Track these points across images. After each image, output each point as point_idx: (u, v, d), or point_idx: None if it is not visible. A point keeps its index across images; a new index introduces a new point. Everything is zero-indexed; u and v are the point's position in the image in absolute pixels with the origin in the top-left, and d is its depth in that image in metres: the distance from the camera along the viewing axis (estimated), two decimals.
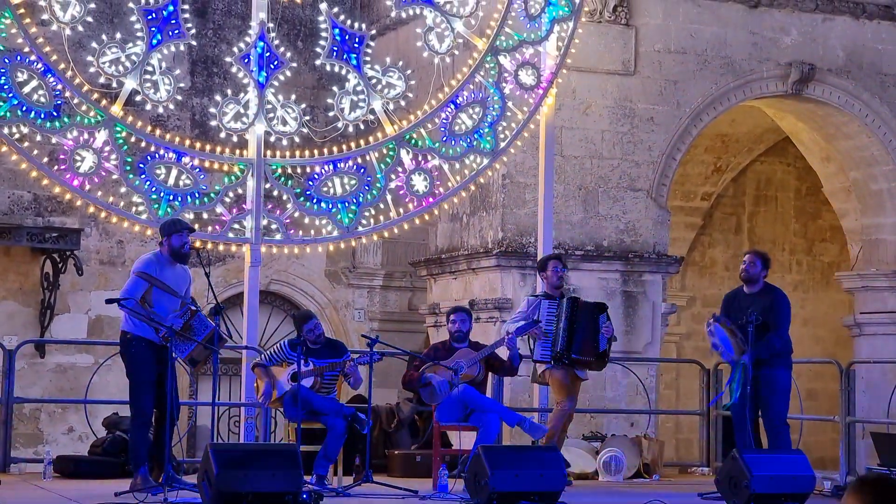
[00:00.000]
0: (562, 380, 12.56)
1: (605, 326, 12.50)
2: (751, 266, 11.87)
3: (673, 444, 19.87)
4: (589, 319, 12.49)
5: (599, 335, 12.49)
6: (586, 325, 12.47)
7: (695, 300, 21.30)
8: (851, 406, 14.42)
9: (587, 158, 16.02)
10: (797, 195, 21.95)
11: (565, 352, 12.41)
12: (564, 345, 12.42)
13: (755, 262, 11.89)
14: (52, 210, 17.46)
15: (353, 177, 13.45)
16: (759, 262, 11.88)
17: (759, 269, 11.88)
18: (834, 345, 20.68)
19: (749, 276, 11.86)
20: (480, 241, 16.10)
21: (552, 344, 12.43)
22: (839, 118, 17.42)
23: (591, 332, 12.47)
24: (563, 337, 12.42)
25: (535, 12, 14.08)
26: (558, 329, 12.41)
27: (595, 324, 12.48)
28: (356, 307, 19.45)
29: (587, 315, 12.52)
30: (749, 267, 11.87)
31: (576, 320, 12.46)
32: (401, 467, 13.55)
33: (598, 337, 12.49)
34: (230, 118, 13.09)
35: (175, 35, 12.87)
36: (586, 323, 12.48)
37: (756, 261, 11.89)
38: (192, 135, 16.84)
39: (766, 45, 16.77)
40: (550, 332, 12.44)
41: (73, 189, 12.62)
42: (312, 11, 16.61)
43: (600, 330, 12.48)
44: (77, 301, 17.67)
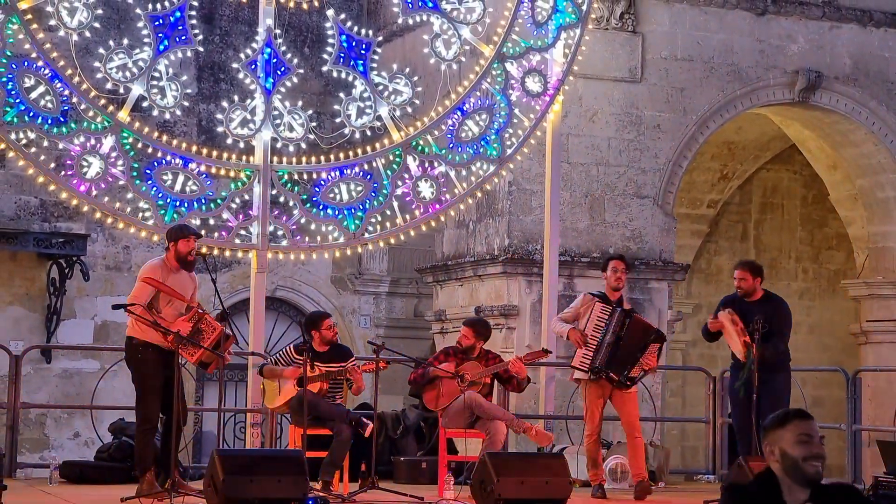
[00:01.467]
0: (594, 398, 12.02)
1: (650, 356, 11.88)
2: (742, 282, 11.85)
3: (679, 452, 19.85)
4: (639, 341, 11.86)
5: (637, 359, 11.86)
6: (633, 346, 11.84)
7: (700, 308, 21.26)
8: (857, 414, 14.42)
9: (593, 165, 16.02)
10: (803, 203, 21.94)
11: (604, 367, 11.85)
12: (606, 359, 11.84)
13: (745, 276, 11.86)
14: (59, 215, 17.48)
15: (359, 183, 13.45)
16: (749, 276, 11.86)
17: (751, 282, 11.86)
18: (840, 353, 20.66)
19: (746, 291, 11.85)
20: (486, 247, 16.10)
21: (594, 353, 11.86)
22: (846, 126, 17.41)
23: (631, 353, 11.85)
24: (606, 351, 11.83)
25: (542, 19, 14.09)
26: (603, 340, 11.82)
27: (641, 348, 11.87)
28: (362, 313, 19.45)
29: (640, 336, 11.89)
30: (742, 283, 11.85)
31: (623, 335, 11.84)
32: (406, 474, 13.54)
33: (634, 363, 11.86)
34: (237, 124, 13.10)
35: (182, 41, 12.90)
36: (635, 343, 11.84)
37: (746, 275, 11.87)
38: (199, 141, 16.87)
39: (772, 52, 16.78)
40: (597, 339, 11.86)
41: (80, 194, 12.64)
42: (319, 18, 16.63)
43: (640, 359, 11.86)
44: (83, 306, 17.68)
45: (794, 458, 4.79)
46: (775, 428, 4.88)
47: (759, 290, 11.90)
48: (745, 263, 12.23)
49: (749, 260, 13.04)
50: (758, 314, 11.57)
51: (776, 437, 4.86)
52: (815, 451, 4.81)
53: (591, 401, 12.07)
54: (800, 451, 4.79)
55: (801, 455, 4.79)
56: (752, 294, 11.84)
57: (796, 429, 4.84)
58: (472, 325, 12.30)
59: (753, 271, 11.96)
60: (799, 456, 4.79)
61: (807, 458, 4.79)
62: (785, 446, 4.82)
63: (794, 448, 4.80)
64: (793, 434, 4.83)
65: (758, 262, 12.88)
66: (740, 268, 12.03)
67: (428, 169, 13.69)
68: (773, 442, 4.87)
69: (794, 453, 4.79)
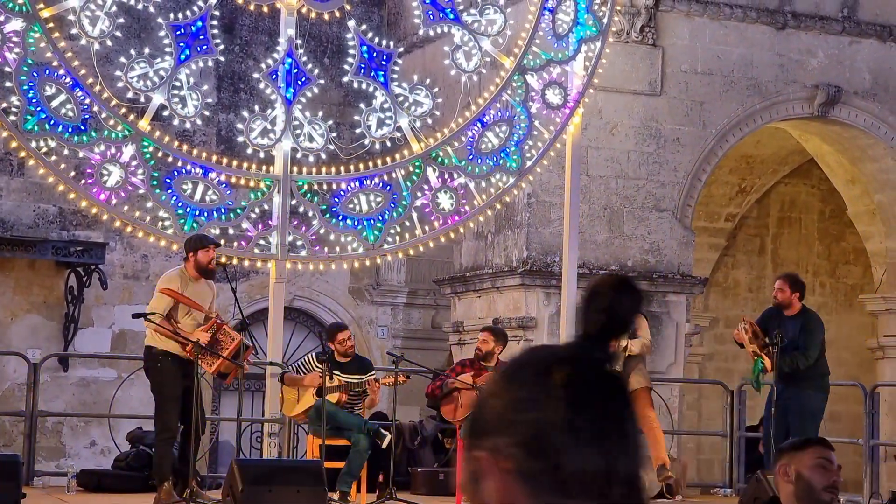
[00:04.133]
0: None
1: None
2: (780, 293, 11.90)
3: (695, 465, 19.80)
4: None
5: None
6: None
7: (717, 321, 21.22)
8: (875, 429, 14.38)
9: (613, 178, 16.01)
10: (821, 217, 21.88)
11: None
12: None
13: (784, 288, 11.90)
14: (78, 224, 17.51)
15: (378, 194, 13.45)
16: (787, 288, 11.89)
17: (788, 295, 11.89)
18: (857, 367, 20.58)
19: (779, 303, 11.89)
20: (505, 259, 16.09)
21: None
22: (865, 141, 17.38)
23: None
24: None
25: (562, 32, 14.08)
26: None
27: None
28: (380, 324, 19.45)
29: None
30: (778, 294, 11.90)
31: None
32: (424, 485, 13.54)
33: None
34: (257, 134, 13.11)
35: (203, 51, 12.91)
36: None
37: (785, 287, 11.91)
38: (219, 150, 16.88)
39: (792, 66, 16.76)
40: None
41: (100, 203, 12.65)
42: (340, 28, 16.65)
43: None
44: (101, 315, 17.70)
45: (809, 483, 4.55)
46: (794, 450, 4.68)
47: (798, 305, 11.93)
48: (787, 276, 12.32)
49: (793, 273, 13.04)
50: (790, 328, 11.61)
51: (793, 459, 4.64)
52: (834, 479, 4.59)
53: None
54: (818, 477, 4.55)
55: (820, 482, 4.55)
56: (788, 307, 11.89)
57: (816, 453, 4.63)
58: (490, 329, 12.44)
59: (792, 285, 12.00)
60: (817, 482, 4.55)
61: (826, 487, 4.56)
62: (802, 469, 4.60)
63: (811, 472, 4.58)
64: (812, 458, 4.61)
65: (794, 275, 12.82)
66: (781, 279, 12.12)
67: (447, 180, 13.68)
68: (789, 463, 4.64)
69: (810, 477, 4.56)
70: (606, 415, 1.72)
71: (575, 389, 1.71)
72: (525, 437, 1.69)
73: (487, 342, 12.20)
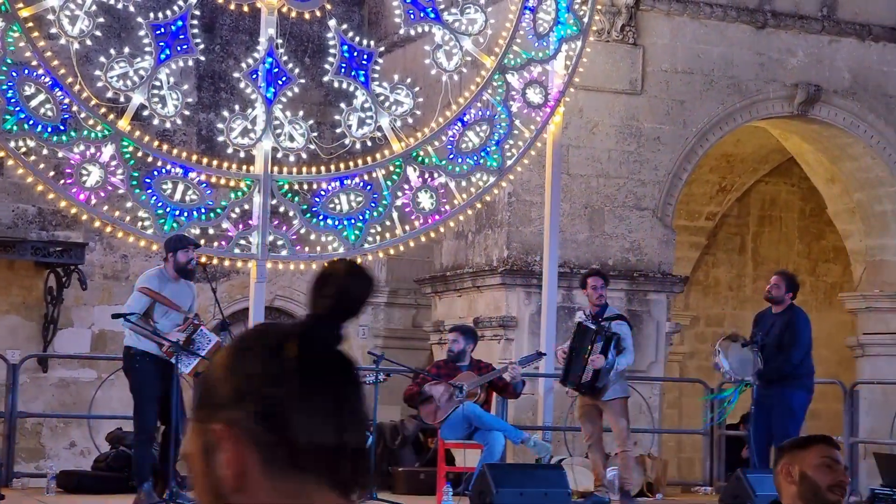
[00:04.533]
0: (579, 414, 12.26)
1: (593, 357, 11.77)
2: (774, 288, 11.94)
3: (675, 463, 19.82)
4: (583, 346, 11.84)
5: (586, 366, 11.82)
6: (580, 353, 11.84)
7: (698, 320, 21.26)
8: (854, 427, 14.44)
9: (593, 177, 16.02)
10: (801, 216, 21.94)
11: (564, 380, 12.10)
12: (564, 373, 12.02)
13: (780, 284, 11.95)
14: (57, 224, 17.44)
15: (359, 193, 13.44)
16: (783, 285, 11.94)
17: (783, 292, 11.94)
18: (837, 365, 20.63)
19: (771, 297, 11.92)
20: (485, 259, 16.09)
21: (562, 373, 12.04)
22: (844, 139, 17.43)
23: (579, 360, 11.82)
24: (565, 365, 11.97)
25: (543, 31, 14.09)
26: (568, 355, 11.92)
27: (584, 350, 11.84)
28: (360, 324, 19.41)
29: (583, 341, 11.87)
30: (773, 289, 11.94)
31: (574, 347, 11.93)
32: (405, 485, 13.53)
33: (584, 367, 11.83)
34: (237, 134, 13.09)
35: (183, 50, 12.89)
36: (581, 350, 11.84)
37: (781, 283, 11.96)
38: (199, 150, 16.83)
39: (772, 65, 16.79)
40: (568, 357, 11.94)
41: (79, 203, 12.62)
42: (321, 28, 16.61)
43: (587, 360, 11.81)
44: (80, 315, 17.64)
45: (815, 483, 4.33)
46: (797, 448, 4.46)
47: (787, 302, 11.97)
48: (785, 273, 12.36)
49: (791, 273, 13.07)
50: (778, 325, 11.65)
51: (796, 458, 4.42)
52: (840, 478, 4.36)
53: (577, 412, 12.35)
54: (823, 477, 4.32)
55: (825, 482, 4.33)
56: (779, 302, 11.93)
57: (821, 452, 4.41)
58: (458, 328, 12.49)
59: (789, 284, 12.03)
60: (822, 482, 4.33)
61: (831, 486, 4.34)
62: (806, 469, 4.37)
63: (816, 472, 4.37)
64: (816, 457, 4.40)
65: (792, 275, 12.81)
66: (779, 275, 12.15)
67: (428, 180, 13.68)
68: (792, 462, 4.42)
69: (816, 477, 4.34)
70: (338, 392, 1.79)
71: (307, 365, 1.77)
72: (261, 409, 1.75)
73: (458, 342, 12.21)
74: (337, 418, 1.79)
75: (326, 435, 1.78)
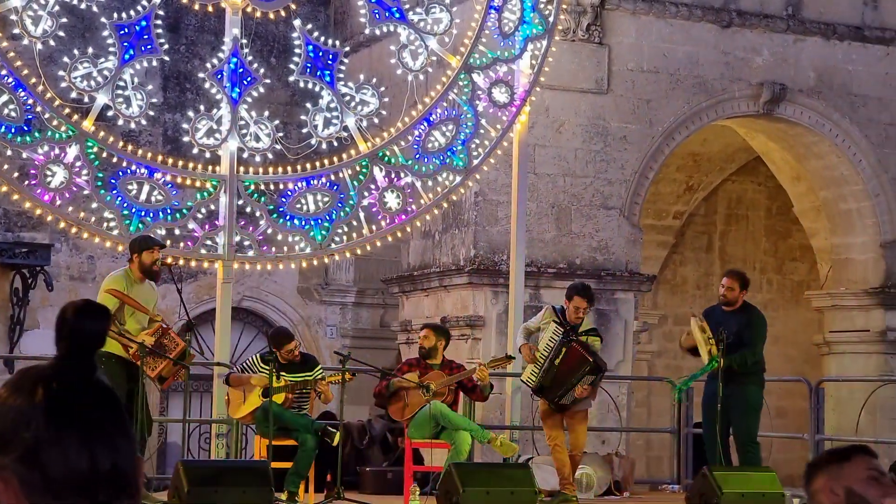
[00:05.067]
0: (543, 414, 12.15)
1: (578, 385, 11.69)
2: (729, 291, 11.93)
3: (644, 462, 19.88)
4: (571, 367, 11.72)
5: (567, 387, 11.75)
6: (568, 374, 11.72)
7: (666, 318, 21.32)
8: (820, 424, 14.50)
9: (560, 176, 16.05)
10: (768, 214, 22.03)
11: (540, 391, 11.99)
12: (540, 382, 11.87)
13: (733, 286, 11.94)
14: (22, 225, 17.37)
15: (326, 194, 13.43)
16: (737, 286, 11.95)
17: (737, 293, 11.95)
18: (803, 363, 20.73)
19: (728, 301, 11.93)
20: (452, 258, 16.10)
21: (539, 372, 11.80)
22: (810, 138, 17.51)
23: (564, 380, 11.74)
24: (541, 374, 11.77)
25: (508, 30, 14.10)
26: (545, 364, 11.74)
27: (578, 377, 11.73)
28: (328, 324, 19.42)
29: (576, 365, 11.72)
30: (727, 292, 11.93)
31: (559, 362, 11.72)
32: (372, 484, 13.54)
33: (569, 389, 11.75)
34: (203, 134, 13.05)
35: (147, 50, 12.84)
36: (570, 371, 11.72)
37: (734, 284, 11.95)
38: (165, 150, 16.80)
39: (737, 64, 16.86)
40: (544, 359, 11.79)
41: (44, 204, 12.56)
42: (286, 28, 16.60)
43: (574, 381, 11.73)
44: (47, 317, 17.57)
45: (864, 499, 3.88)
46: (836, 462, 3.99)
47: (741, 301, 12.00)
48: (735, 273, 12.33)
49: (739, 270, 13.07)
50: (733, 323, 11.66)
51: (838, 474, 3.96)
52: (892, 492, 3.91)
53: (541, 414, 12.22)
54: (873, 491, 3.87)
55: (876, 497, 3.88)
56: (733, 304, 11.94)
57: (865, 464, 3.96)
58: (430, 325, 12.46)
59: (742, 282, 12.04)
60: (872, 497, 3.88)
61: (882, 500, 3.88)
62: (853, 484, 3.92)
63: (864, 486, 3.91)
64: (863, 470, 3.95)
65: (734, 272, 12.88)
66: (729, 276, 12.11)
67: (394, 179, 13.67)
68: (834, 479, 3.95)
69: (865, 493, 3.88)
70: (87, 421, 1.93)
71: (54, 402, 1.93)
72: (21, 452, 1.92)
73: (429, 338, 12.17)
74: (86, 447, 1.92)
75: (78, 463, 1.91)
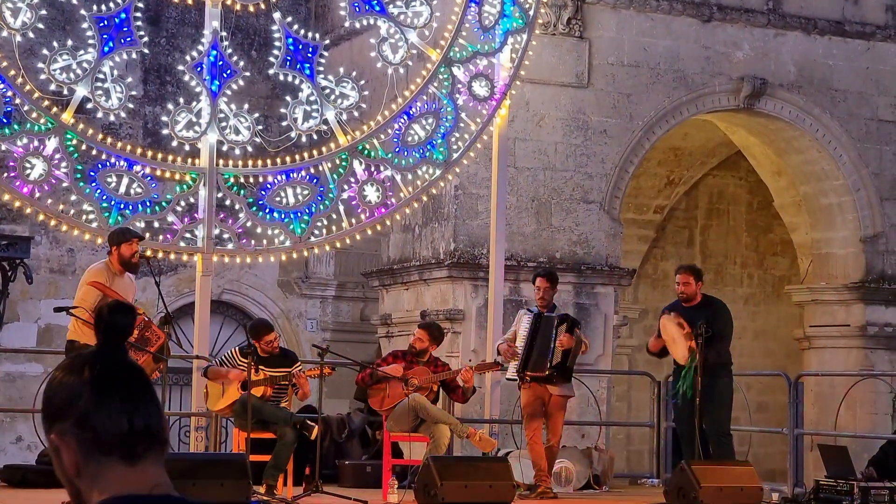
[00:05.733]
0: (525, 406, 12.38)
1: (557, 339, 12.14)
2: (687, 287, 11.94)
3: (624, 456, 19.92)
4: (546, 333, 12.18)
5: (551, 348, 12.19)
6: (543, 339, 12.16)
7: (647, 313, 21.36)
8: (799, 418, 14.54)
9: (540, 170, 16.06)
10: (749, 209, 22.09)
11: (523, 370, 12.25)
12: (522, 362, 12.20)
13: (689, 280, 11.95)
14: (2, 218, 17.33)
15: (305, 187, 13.41)
16: (692, 280, 11.96)
17: (694, 287, 11.96)
18: (784, 358, 20.80)
19: (688, 296, 11.93)
20: (432, 252, 16.10)
21: (521, 362, 12.17)
22: (790, 133, 17.55)
23: (545, 346, 12.17)
24: (523, 354, 12.17)
25: (489, 24, 14.10)
26: (525, 349, 12.15)
27: (550, 337, 12.17)
28: (309, 317, 19.40)
29: (546, 329, 12.19)
30: (686, 288, 11.93)
31: (535, 336, 12.16)
32: (351, 477, 13.53)
33: (549, 350, 12.18)
34: (182, 127, 13.02)
35: (127, 42, 12.81)
36: (544, 337, 12.16)
37: (690, 279, 11.96)
38: (144, 143, 16.77)
39: (718, 59, 16.88)
40: (524, 343, 12.18)
41: (23, 196, 12.53)
42: (266, 21, 16.58)
43: (552, 343, 12.18)
44: (27, 310, 17.54)
45: None
46: None
47: (699, 295, 11.99)
48: (688, 268, 12.30)
49: (690, 264, 13.15)
50: (699, 318, 11.64)
51: None
52: None
53: (523, 405, 12.37)
54: None
55: None
56: (692, 299, 11.92)
57: None
58: (428, 328, 12.44)
59: (696, 275, 12.05)
60: None
61: None
62: None
63: None
64: None
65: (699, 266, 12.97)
66: (683, 272, 12.10)
67: (374, 173, 13.66)
68: None
69: None
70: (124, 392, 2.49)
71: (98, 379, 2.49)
72: (75, 418, 2.46)
73: (423, 341, 12.19)
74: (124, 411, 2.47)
75: (119, 425, 2.46)
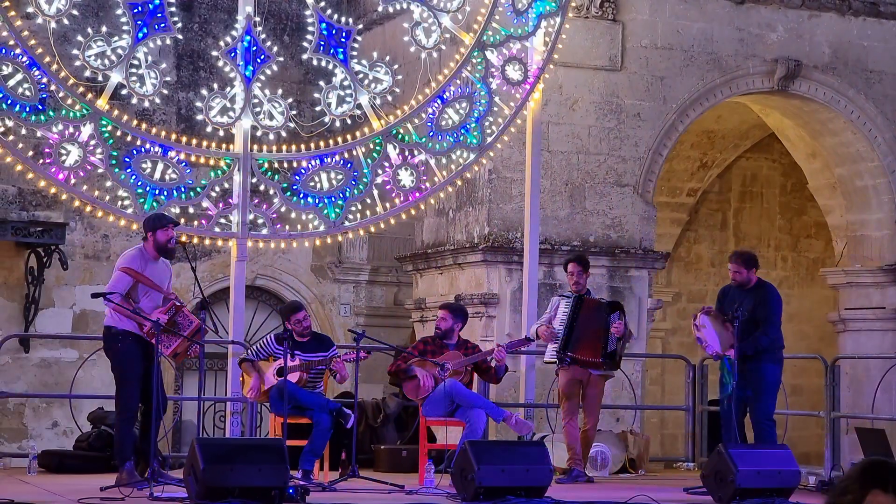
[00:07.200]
0: (563, 387, 12.52)
1: (615, 325, 12.30)
2: (737, 275, 12.09)
3: (658, 440, 19.89)
4: (595, 317, 12.32)
5: (609, 335, 12.33)
6: (591, 323, 12.30)
7: (680, 296, 21.30)
8: (836, 401, 14.46)
9: (574, 154, 16.02)
10: (782, 191, 21.97)
11: (564, 351, 12.33)
12: (563, 343, 12.33)
13: (739, 269, 12.08)
14: (37, 204, 17.39)
15: (339, 171, 13.42)
16: (743, 268, 12.05)
17: (745, 275, 12.05)
18: (819, 341, 20.71)
19: (739, 283, 12.05)
20: (466, 236, 16.08)
21: (560, 345, 12.36)
22: (825, 115, 17.44)
23: (597, 331, 12.31)
24: (563, 335, 12.33)
25: (522, 7, 14.06)
26: (565, 331, 12.33)
27: (604, 322, 12.32)
28: (342, 302, 19.41)
29: (594, 313, 12.34)
30: (736, 276, 12.07)
31: (577, 318, 12.31)
32: (387, 462, 13.55)
33: (607, 336, 12.34)
34: (216, 112, 13.05)
35: (161, 28, 12.83)
36: (592, 321, 12.31)
37: (740, 268, 12.07)
38: (178, 129, 16.80)
39: (752, 41, 16.78)
40: (563, 326, 12.36)
41: (59, 183, 12.58)
42: (299, 6, 16.57)
43: (609, 328, 12.31)
44: (62, 295, 17.61)
45: None
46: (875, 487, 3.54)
47: (754, 279, 12.08)
48: (739, 255, 12.39)
49: (742, 251, 13.14)
50: (748, 301, 11.71)
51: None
52: None
53: (560, 386, 12.56)
54: None
55: None
56: (746, 284, 12.04)
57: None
58: (448, 306, 12.47)
59: (746, 263, 12.13)
60: None
61: None
62: None
63: None
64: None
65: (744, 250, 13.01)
66: (733, 261, 12.26)
67: (408, 157, 13.66)
68: None
69: None
70: None
71: None
72: None
73: (446, 319, 12.20)
74: None
75: None
